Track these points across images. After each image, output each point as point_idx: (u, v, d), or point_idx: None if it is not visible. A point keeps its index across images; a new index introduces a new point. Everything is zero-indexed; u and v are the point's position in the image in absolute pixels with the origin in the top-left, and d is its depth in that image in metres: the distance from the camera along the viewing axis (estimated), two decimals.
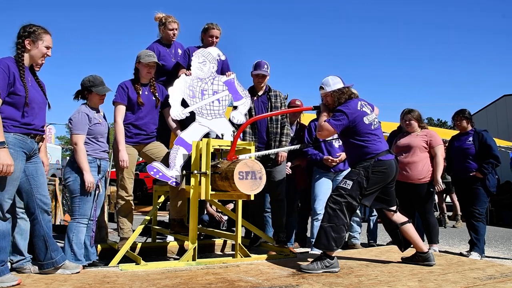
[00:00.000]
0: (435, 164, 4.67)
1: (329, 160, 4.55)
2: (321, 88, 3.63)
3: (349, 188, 3.30)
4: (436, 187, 4.68)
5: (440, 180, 4.66)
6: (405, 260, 3.65)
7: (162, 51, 4.52)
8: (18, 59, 2.74)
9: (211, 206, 5.66)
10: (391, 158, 3.48)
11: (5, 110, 2.65)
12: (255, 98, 4.52)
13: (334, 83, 3.56)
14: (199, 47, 4.47)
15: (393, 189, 3.61)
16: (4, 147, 2.55)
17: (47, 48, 2.82)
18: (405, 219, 3.61)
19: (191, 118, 4.11)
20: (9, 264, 2.99)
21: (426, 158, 4.70)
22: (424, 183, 4.65)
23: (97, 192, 3.49)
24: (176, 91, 4.06)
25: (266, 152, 4.23)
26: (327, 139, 4.28)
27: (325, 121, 3.46)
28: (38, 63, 2.89)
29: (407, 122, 4.86)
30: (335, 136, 4.01)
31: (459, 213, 8.22)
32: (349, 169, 3.62)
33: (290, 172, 4.82)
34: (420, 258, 3.57)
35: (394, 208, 3.60)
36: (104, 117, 3.76)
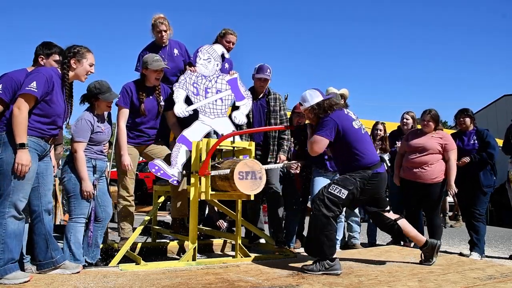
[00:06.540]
0: (449, 168, 4.59)
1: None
2: (300, 104, 3.55)
3: (343, 197, 3.25)
4: (449, 192, 4.64)
5: (453, 185, 4.60)
6: (422, 262, 3.53)
7: None
8: (63, 77, 2.92)
9: (213, 207, 5.54)
10: (384, 171, 3.46)
11: (31, 117, 2.75)
12: (255, 101, 4.50)
13: (313, 97, 3.43)
14: None
15: (384, 195, 3.59)
16: (24, 149, 2.65)
17: (90, 65, 3.00)
18: (397, 215, 3.58)
19: (193, 115, 4.08)
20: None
21: (439, 159, 4.63)
22: (437, 182, 4.58)
23: (94, 192, 3.48)
24: (180, 88, 4.04)
25: (269, 166, 4.13)
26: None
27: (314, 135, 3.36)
28: (82, 80, 3.04)
29: (425, 123, 4.73)
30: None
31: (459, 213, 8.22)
32: None
33: (298, 172, 4.81)
34: (428, 251, 3.49)
35: (387, 208, 3.56)
36: (110, 117, 3.74)
